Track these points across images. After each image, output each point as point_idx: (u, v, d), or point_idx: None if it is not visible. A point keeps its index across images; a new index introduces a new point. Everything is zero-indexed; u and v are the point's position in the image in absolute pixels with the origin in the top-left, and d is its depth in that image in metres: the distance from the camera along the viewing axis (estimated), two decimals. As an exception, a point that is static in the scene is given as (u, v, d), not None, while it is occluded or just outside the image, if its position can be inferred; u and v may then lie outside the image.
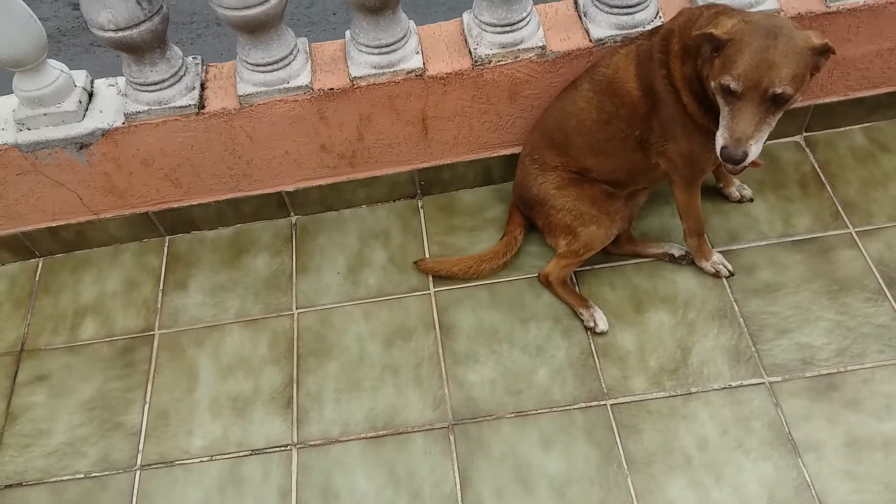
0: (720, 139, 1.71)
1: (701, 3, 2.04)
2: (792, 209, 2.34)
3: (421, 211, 2.54)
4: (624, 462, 1.93)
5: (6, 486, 2.10)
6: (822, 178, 2.40)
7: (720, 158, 1.72)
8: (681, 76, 1.86)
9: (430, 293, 2.33)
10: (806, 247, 2.26)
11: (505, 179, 2.50)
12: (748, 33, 1.66)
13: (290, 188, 2.48)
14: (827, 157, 2.45)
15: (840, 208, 2.32)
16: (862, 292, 2.14)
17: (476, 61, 2.17)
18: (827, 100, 2.41)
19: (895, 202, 2.31)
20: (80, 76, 2.27)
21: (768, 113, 1.68)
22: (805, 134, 2.50)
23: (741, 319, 2.14)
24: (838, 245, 2.25)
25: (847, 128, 2.49)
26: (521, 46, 2.15)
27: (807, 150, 2.48)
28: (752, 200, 2.37)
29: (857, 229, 2.27)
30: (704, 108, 1.85)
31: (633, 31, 2.11)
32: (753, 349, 2.08)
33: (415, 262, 2.37)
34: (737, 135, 1.67)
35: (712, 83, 1.72)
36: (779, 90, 1.63)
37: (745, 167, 1.74)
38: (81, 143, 2.24)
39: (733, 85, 1.65)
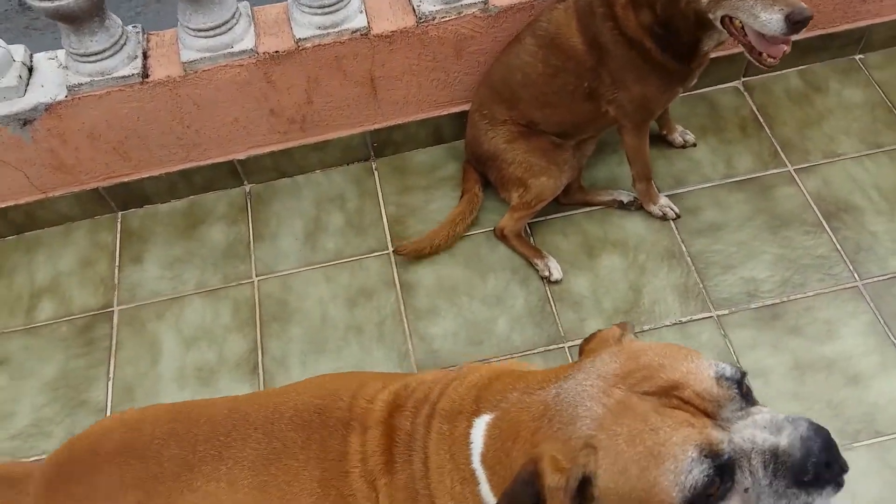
0: (776, 15, 1.66)
1: None
2: (733, 151, 2.43)
3: (375, 173, 2.56)
4: (584, 400, 2.01)
5: (-28, 469, 2.09)
6: (761, 120, 2.49)
7: (786, 30, 1.67)
8: (637, 25, 1.89)
9: (388, 253, 2.36)
10: (747, 186, 2.35)
11: (456, 138, 2.53)
12: None
13: (242, 156, 2.47)
14: (764, 100, 2.54)
15: (778, 148, 2.42)
16: (802, 226, 2.24)
17: (420, 18, 2.19)
18: (762, 44, 2.49)
19: (830, 140, 2.42)
20: (19, 51, 2.22)
21: None
22: (743, 79, 2.59)
23: (688, 258, 2.22)
24: (778, 183, 2.34)
25: (782, 71, 2.58)
26: (464, 1, 2.17)
27: (745, 94, 2.56)
28: (694, 145, 2.45)
29: (795, 167, 2.37)
30: (668, 48, 1.90)
31: (573, -18, 2.15)
32: (701, 286, 2.17)
33: (394, 251, 2.33)
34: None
35: None
36: None
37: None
38: (24, 119, 2.20)
39: None
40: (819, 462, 0.81)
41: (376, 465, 1.10)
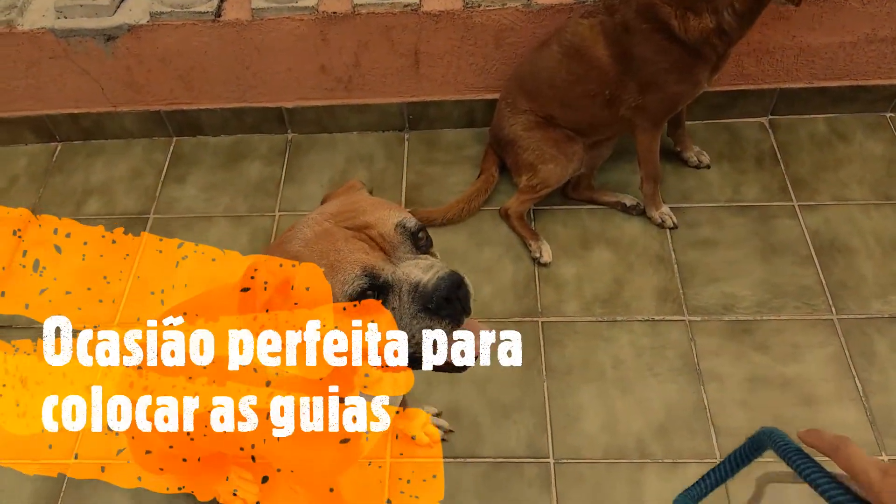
0: None
1: None
2: (744, 179, 2.51)
3: (406, 142, 2.75)
4: (544, 370, 2.12)
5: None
6: (779, 156, 2.57)
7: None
8: (699, 29, 1.98)
9: (400, 213, 2.54)
10: (749, 212, 2.42)
11: (485, 123, 2.70)
12: None
13: (290, 105, 2.71)
14: (787, 139, 2.62)
15: (789, 183, 2.49)
16: (792, 256, 2.30)
17: (467, 3, 2.39)
18: (793, 85, 2.57)
19: (842, 184, 2.47)
20: (117, -23, 2.54)
21: None
22: (770, 116, 2.67)
23: (675, 266, 2.31)
24: (780, 214, 2.41)
25: (810, 116, 2.65)
26: (509, -6, 2.36)
27: (769, 130, 2.65)
28: (708, 167, 2.54)
29: (800, 203, 2.43)
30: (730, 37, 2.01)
31: (612, -9, 2.31)
32: (681, 291, 2.25)
33: (409, 213, 2.49)
34: None
35: None
36: None
37: None
38: (109, 35, 2.50)
39: None
40: (441, 296, 1.04)
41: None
